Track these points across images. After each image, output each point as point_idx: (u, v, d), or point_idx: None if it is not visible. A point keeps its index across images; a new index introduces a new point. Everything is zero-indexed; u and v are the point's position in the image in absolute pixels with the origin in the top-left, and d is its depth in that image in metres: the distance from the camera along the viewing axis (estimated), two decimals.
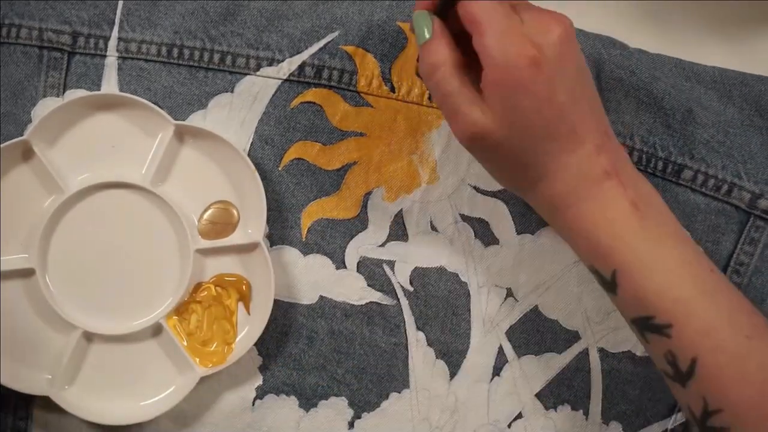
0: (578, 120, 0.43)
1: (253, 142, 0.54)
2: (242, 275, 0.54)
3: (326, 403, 0.55)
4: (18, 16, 0.54)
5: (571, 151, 0.43)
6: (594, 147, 0.43)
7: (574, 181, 0.43)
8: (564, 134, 0.43)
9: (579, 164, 0.43)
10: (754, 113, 0.54)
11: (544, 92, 0.41)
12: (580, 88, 0.43)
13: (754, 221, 0.53)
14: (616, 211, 0.43)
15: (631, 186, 0.44)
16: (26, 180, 0.53)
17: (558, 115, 0.42)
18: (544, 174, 0.44)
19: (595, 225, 0.43)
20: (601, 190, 0.43)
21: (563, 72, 0.42)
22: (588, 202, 0.43)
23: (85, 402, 0.53)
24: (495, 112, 0.42)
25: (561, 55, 0.42)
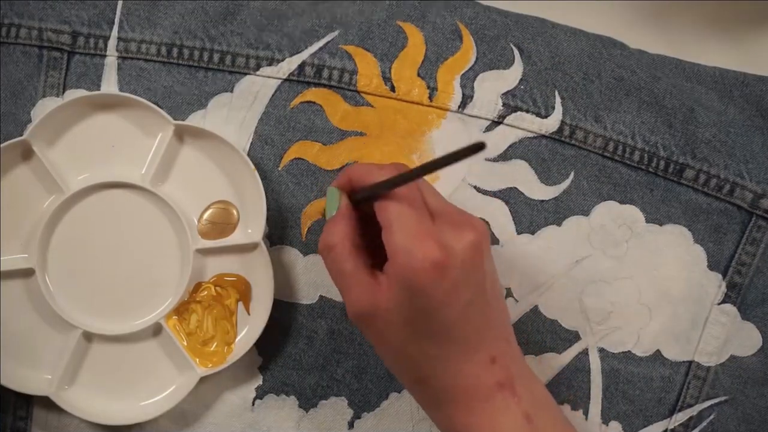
0: (476, 327, 0.42)
1: (252, 141, 0.54)
2: (242, 275, 0.54)
3: (326, 403, 0.55)
4: (18, 16, 0.54)
5: (464, 360, 0.43)
6: (488, 357, 0.43)
7: (466, 389, 0.43)
8: (459, 341, 0.42)
9: (471, 373, 0.43)
10: (755, 113, 0.54)
11: (442, 298, 0.41)
12: (482, 296, 0.43)
13: (756, 221, 0.53)
14: (509, 423, 0.43)
15: (526, 394, 0.43)
16: (26, 180, 0.53)
17: (455, 322, 0.42)
18: (432, 376, 0.43)
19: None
20: (494, 401, 0.43)
21: (467, 279, 0.41)
22: (479, 413, 0.43)
23: (85, 402, 0.53)
24: (390, 302, 0.41)
25: (468, 262, 0.41)
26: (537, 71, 0.54)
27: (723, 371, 0.54)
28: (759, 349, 0.54)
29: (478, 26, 0.54)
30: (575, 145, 0.54)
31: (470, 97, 0.54)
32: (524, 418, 0.43)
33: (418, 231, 0.41)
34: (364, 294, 0.42)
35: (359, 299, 0.42)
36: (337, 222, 0.44)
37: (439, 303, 0.41)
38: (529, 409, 0.43)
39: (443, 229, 0.41)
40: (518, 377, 0.44)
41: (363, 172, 0.44)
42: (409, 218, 0.41)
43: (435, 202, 0.44)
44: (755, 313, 0.53)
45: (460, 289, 0.41)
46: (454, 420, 0.44)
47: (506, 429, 0.43)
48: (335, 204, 0.45)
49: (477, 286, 0.42)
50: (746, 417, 0.54)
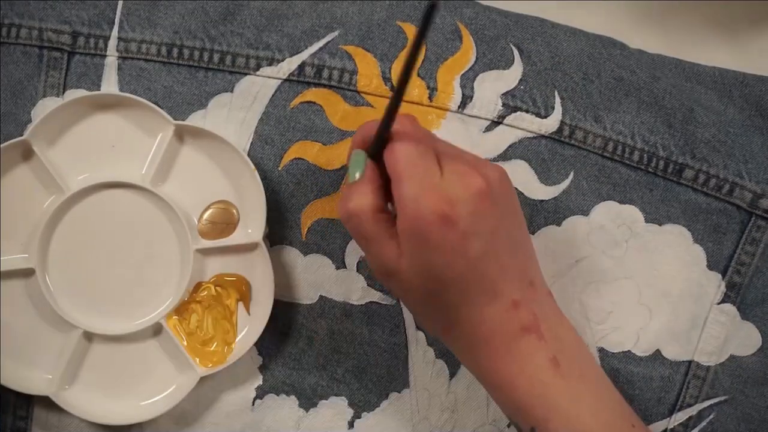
0: (493, 274, 0.42)
1: (252, 141, 0.54)
2: (242, 275, 0.54)
3: (326, 403, 0.55)
4: (18, 16, 0.54)
5: (485, 305, 0.43)
6: (511, 301, 0.43)
7: (491, 335, 0.43)
8: (478, 288, 0.42)
9: (494, 319, 0.43)
10: (754, 113, 0.54)
11: (454, 248, 0.41)
12: (498, 241, 0.43)
13: (755, 221, 0.53)
14: (535, 367, 0.43)
15: (553, 338, 0.44)
16: (26, 180, 0.53)
17: (471, 270, 0.42)
18: (458, 324, 0.44)
19: (513, 381, 0.43)
20: (518, 346, 0.43)
21: (477, 228, 0.41)
22: (505, 357, 0.43)
23: (85, 402, 0.53)
24: (408, 258, 0.42)
25: (476, 211, 0.41)
26: (537, 71, 0.54)
27: (723, 371, 0.54)
28: (758, 349, 0.54)
29: (478, 26, 0.54)
30: (575, 145, 0.54)
31: (470, 97, 0.54)
32: (550, 361, 0.43)
33: (424, 184, 0.41)
34: (386, 255, 0.43)
35: (381, 260, 0.43)
36: (361, 187, 0.44)
37: (450, 255, 0.41)
38: (556, 352, 0.43)
39: (451, 179, 0.41)
40: (545, 321, 0.44)
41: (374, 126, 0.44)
42: (415, 170, 0.41)
43: (444, 149, 0.44)
44: (755, 312, 0.54)
45: (469, 239, 0.41)
46: (482, 365, 0.44)
47: (531, 372, 0.43)
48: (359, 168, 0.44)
49: (489, 235, 0.42)
50: (746, 417, 0.54)
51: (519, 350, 0.43)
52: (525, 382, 0.43)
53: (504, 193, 0.44)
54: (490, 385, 0.45)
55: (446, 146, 0.45)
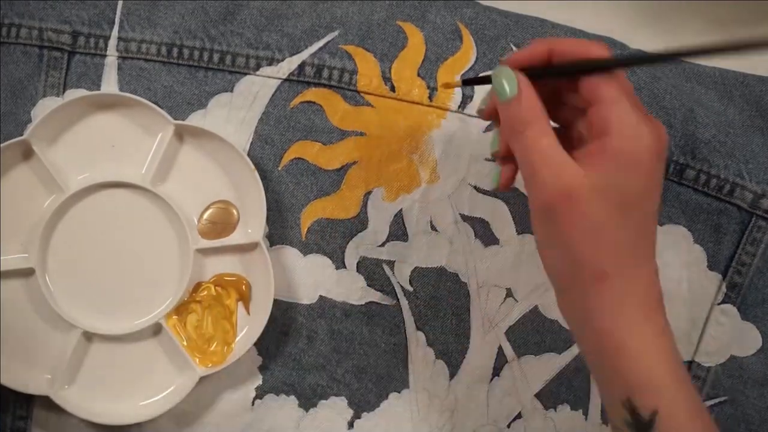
0: (653, 234, 0.40)
1: (252, 141, 0.54)
2: (242, 275, 0.54)
3: (326, 403, 0.55)
4: (18, 16, 0.54)
5: (645, 262, 0.40)
6: (654, 271, 0.40)
7: (634, 301, 0.39)
8: (648, 240, 0.40)
9: (647, 281, 0.40)
10: (755, 114, 0.53)
11: (654, 187, 0.39)
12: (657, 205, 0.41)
13: (756, 221, 0.53)
14: (664, 350, 0.40)
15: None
16: (26, 180, 0.53)
17: (649, 219, 0.39)
18: (614, 273, 0.39)
19: (642, 358, 0.39)
20: (652, 321, 0.40)
21: (661, 180, 0.40)
22: (641, 329, 0.39)
23: (85, 402, 0.53)
24: (599, 181, 0.38)
25: (661, 166, 0.40)
26: None
27: (723, 371, 0.54)
28: (759, 349, 0.53)
29: (478, 26, 0.54)
30: None
31: (470, 97, 0.54)
32: (672, 346, 0.40)
33: (640, 113, 0.39)
34: (566, 172, 0.39)
35: (561, 177, 0.38)
36: (529, 96, 0.40)
37: (649, 192, 0.39)
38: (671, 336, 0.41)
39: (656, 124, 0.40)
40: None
41: (571, 45, 0.41)
42: (632, 98, 0.39)
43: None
44: (755, 313, 0.53)
45: (660, 185, 0.39)
46: (611, 337, 0.40)
47: (662, 355, 0.39)
48: (511, 81, 0.41)
49: (659, 193, 0.40)
50: (746, 417, 0.54)
51: (653, 326, 0.39)
52: (658, 363, 0.39)
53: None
54: (610, 354, 0.40)
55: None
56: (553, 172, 0.39)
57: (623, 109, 0.39)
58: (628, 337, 0.39)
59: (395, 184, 0.54)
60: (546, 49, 0.41)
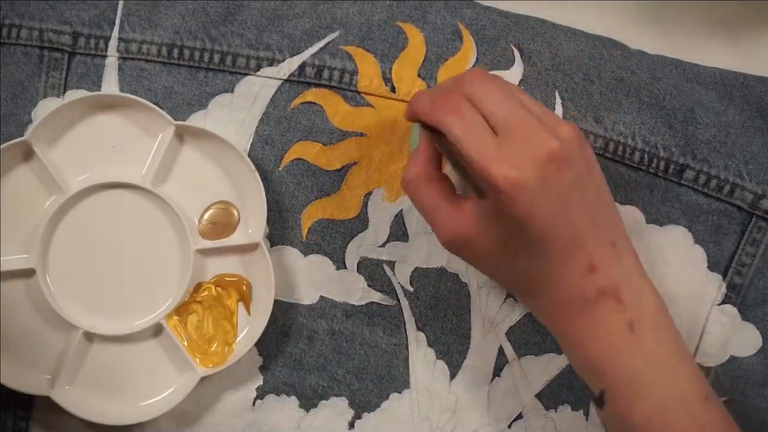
0: (568, 237, 0.42)
1: (253, 142, 0.54)
2: (242, 275, 0.54)
3: (326, 404, 0.55)
4: (18, 17, 0.54)
5: (561, 267, 0.43)
6: (586, 265, 0.43)
7: (564, 298, 0.44)
8: (551, 252, 0.42)
9: (570, 282, 0.43)
10: (755, 114, 0.53)
11: (524, 215, 0.41)
12: (572, 204, 0.42)
13: (756, 222, 0.53)
14: (608, 332, 0.43)
15: (633, 303, 0.43)
16: (27, 180, 0.53)
17: (542, 237, 0.42)
18: (532, 286, 0.44)
19: (585, 344, 0.44)
20: (593, 309, 0.43)
21: (546, 193, 0.41)
22: (579, 321, 0.43)
23: (85, 402, 0.53)
24: (479, 225, 0.43)
25: (546, 176, 0.41)
26: (537, 72, 0.54)
27: (723, 372, 0.54)
28: (759, 350, 0.53)
29: (479, 27, 0.54)
30: None
31: None
32: (627, 326, 0.43)
33: (495, 151, 0.41)
34: (451, 221, 0.44)
35: (447, 227, 0.44)
36: (416, 155, 0.46)
37: (522, 221, 0.41)
38: (634, 318, 0.43)
39: (518, 144, 0.41)
40: (627, 285, 0.43)
41: (419, 113, 0.46)
42: (476, 138, 0.42)
43: (501, 113, 0.42)
44: (755, 313, 0.53)
45: (540, 204, 0.41)
46: (557, 326, 0.45)
47: (604, 336, 0.43)
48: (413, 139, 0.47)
49: (561, 197, 0.42)
50: (746, 418, 0.54)
51: (594, 314, 0.43)
52: (597, 345, 0.43)
53: (578, 153, 0.43)
54: (564, 345, 0.46)
55: (500, 106, 0.43)
56: (440, 225, 0.44)
57: (471, 155, 0.41)
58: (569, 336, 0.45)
59: (396, 184, 0.54)
60: (412, 112, 0.47)
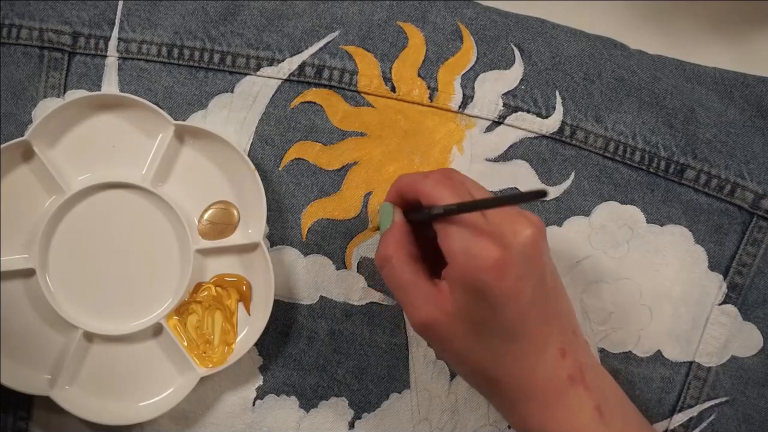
0: (542, 321, 0.43)
1: (253, 142, 0.54)
2: (242, 275, 0.54)
3: (326, 404, 0.55)
4: (18, 17, 0.54)
5: (535, 354, 0.43)
6: (558, 350, 0.43)
7: (540, 385, 0.43)
8: (527, 336, 0.42)
9: (544, 368, 0.43)
10: (755, 114, 0.53)
11: (507, 294, 0.41)
12: (544, 289, 0.43)
13: (757, 222, 0.53)
14: (582, 419, 0.43)
15: (596, 387, 0.44)
16: (27, 180, 0.53)
17: (521, 318, 0.42)
18: (505, 375, 0.43)
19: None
20: (567, 396, 0.43)
21: (528, 273, 0.42)
22: (553, 408, 0.43)
23: (85, 402, 0.53)
24: (454, 306, 0.42)
25: (527, 256, 0.41)
26: (537, 71, 0.54)
27: (723, 372, 0.53)
28: (760, 350, 0.53)
29: (479, 26, 0.54)
30: (576, 146, 0.54)
31: (471, 98, 0.54)
32: (596, 410, 0.43)
33: (474, 231, 0.41)
34: (425, 303, 0.43)
35: (421, 309, 0.43)
36: (392, 234, 0.45)
37: (503, 301, 0.41)
38: (599, 401, 0.43)
39: (499, 226, 0.42)
40: (588, 369, 0.44)
41: (410, 184, 0.45)
42: (463, 220, 0.41)
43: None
44: (756, 313, 0.53)
45: (522, 284, 0.41)
46: (530, 419, 0.44)
47: (580, 423, 0.43)
48: (389, 218, 0.46)
49: (538, 280, 0.42)
50: (746, 418, 0.54)
51: (567, 401, 0.43)
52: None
53: (545, 241, 0.43)
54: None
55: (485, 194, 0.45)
56: (413, 306, 0.43)
57: (453, 238, 0.41)
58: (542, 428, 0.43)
59: None
60: (397, 192, 0.46)
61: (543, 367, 0.43)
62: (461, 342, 0.43)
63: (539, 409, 0.43)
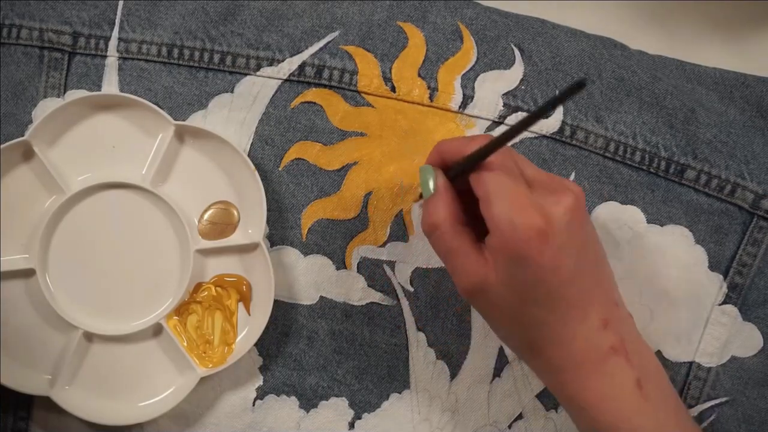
0: (584, 291, 0.43)
1: (253, 142, 0.54)
2: (242, 276, 0.54)
3: (327, 404, 0.55)
4: (18, 17, 0.54)
5: (576, 324, 0.43)
6: (600, 321, 0.43)
7: (579, 354, 0.43)
8: (569, 306, 0.42)
9: (585, 338, 0.43)
10: (755, 114, 0.53)
11: (548, 264, 0.41)
12: (587, 258, 0.43)
13: (757, 222, 0.53)
14: (621, 389, 0.43)
15: (637, 361, 0.43)
16: (27, 180, 0.53)
17: (562, 287, 0.42)
18: (546, 343, 0.43)
19: (599, 402, 0.43)
20: (606, 366, 0.43)
21: (570, 243, 0.42)
22: (592, 377, 0.43)
23: (85, 402, 0.53)
24: (498, 274, 0.42)
25: (569, 226, 0.41)
26: (538, 71, 0.54)
27: (724, 372, 0.53)
28: (760, 350, 0.53)
29: (479, 27, 0.54)
30: (576, 146, 0.54)
31: (471, 98, 0.54)
32: (635, 383, 0.43)
33: (517, 200, 0.41)
34: (473, 270, 0.42)
35: (469, 275, 0.43)
36: (439, 199, 0.44)
37: (546, 270, 0.41)
38: (640, 374, 0.43)
39: (541, 196, 0.42)
40: (629, 342, 0.44)
41: (454, 146, 0.45)
42: (506, 188, 0.41)
43: (530, 170, 0.44)
44: (756, 313, 0.53)
45: (564, 253, 0.41)
46: (568, 386, 0.44)
47: (617, 394, 0.43)
48: (430, 182, 0.45)
49: (581, 249, 0.42)
50: (747, 418, 0.54)
51: (606, 372, 0.43)
52: (612, 405, 0.43)
53: (585, 210, 0.43)
54: (574, 406, 0.45)
55: (529, 166, 0.45)
56: (461, 271, 0.43)
57: (495, 205, 0.41)
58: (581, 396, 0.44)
59: (396, 184, 0.54)
60: (438, 156, 0.46)
61: (584, 336, 0.43)
62: (505, 308, 0.43)
63: (579, 377, 0.43)
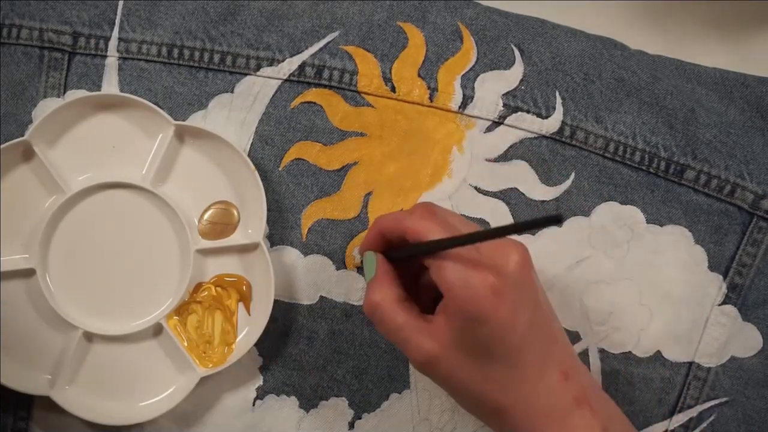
0: (542, 345, 0.43)
1: (253, 142, 0.54)
2: (242, 276, 0.54)
3: (326, 404, 0.55)
4: (18, 17, 0.54)
5: (537, 379, 0.43)
6: (560, 373, 0.43)
7: (544, 409, 0.43)
8: (528, 361, 0.42)
9: (547, 392, 0.43)
10: (755, 114, 0.53)
11: (506, 320, 0.41)
12: (540, 312, 0.43)
13: (756, 222, 0.53)
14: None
15: (601, 409, 0.44)
16: (27, 180, 0.53)
17: (521, 343, 0.42)
18: (510, 402, 0.43)
19: None
20: (573, 419, 0.43)
21: (524, 297, 0.42)
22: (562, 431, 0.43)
23: (85, 402, 0.53)
24: (454, 340, 0.42)
25: (521, 280, 0.41)
26: (538, 72, 0.54)
27: (723, 372, 0.53)
28: (759, 351, 0.53)
29: (479, 27, 0.54)
30: (576, 146, 0.54)
31: (471, 98, 0.54)
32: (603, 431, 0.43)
33: (468, 261, 0.41)
34: (423, 340, 0.43)
35: (420, 347, 0.43)
36: (378, 281, 0.45)
37: (504, 326, 0.41)
38: (606, 423, 0.43)
39: (490, 255, 0.42)
40: (591, 392, 0.44)
41: (393, 221, 0.45)
42: (456, 251, 0.41)
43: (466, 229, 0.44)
44: (756, 314, 0.53)
45: (519, 308, 0.41)
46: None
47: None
48: (372, 265, 0.46)
49: (534, 303, 0.43)
50: (746, 418, 0.54)
51: (574, 424, 0.43)
52: None
53: (532, 266, 0.44)
54: None
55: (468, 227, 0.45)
56: (413, 345, 0.43)
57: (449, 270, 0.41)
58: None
59: (396, 184, 0.54)
60: (378, 233, 0.46)
61: (547, 391, 0.43)
62: (463, 373, 0.43)
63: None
